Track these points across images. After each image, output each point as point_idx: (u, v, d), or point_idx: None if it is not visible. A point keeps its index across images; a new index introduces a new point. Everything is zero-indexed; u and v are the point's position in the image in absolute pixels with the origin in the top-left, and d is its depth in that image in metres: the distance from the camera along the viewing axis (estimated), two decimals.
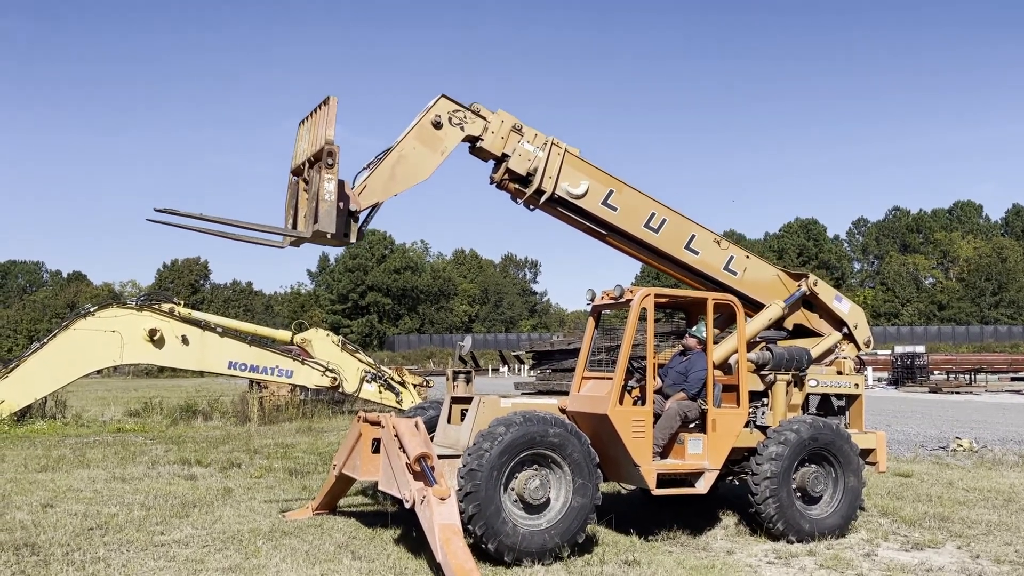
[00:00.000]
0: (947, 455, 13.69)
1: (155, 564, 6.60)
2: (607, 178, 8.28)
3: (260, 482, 10.76)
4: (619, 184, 8.31)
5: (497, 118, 7.94)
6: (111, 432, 17.49)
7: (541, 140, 8.07)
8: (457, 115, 7.75)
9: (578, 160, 8.18)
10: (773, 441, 7.70)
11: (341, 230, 7.13)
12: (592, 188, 8.19)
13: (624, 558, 6.78)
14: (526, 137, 8.02)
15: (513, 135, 7.98)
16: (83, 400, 25.64)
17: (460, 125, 7.76)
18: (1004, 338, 71.65)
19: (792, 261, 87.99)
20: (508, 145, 7.97)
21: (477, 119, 7.85)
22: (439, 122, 7.66)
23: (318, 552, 6.98)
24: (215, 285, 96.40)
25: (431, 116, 7.65)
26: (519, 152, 7.99)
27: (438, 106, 7.71)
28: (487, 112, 7.93)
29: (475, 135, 7.87)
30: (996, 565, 6.89)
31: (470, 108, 7.84)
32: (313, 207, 7.07)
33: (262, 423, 19.00)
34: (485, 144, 7.90)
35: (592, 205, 8.22)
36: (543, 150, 8.03)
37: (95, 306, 18.37)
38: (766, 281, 8.81)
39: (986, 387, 36.00)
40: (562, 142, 8.13)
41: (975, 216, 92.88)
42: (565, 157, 8.10)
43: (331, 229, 6.98)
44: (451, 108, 7.74)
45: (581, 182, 8.15)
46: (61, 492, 9.83)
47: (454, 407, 8.04)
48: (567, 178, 8.10)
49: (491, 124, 7.90)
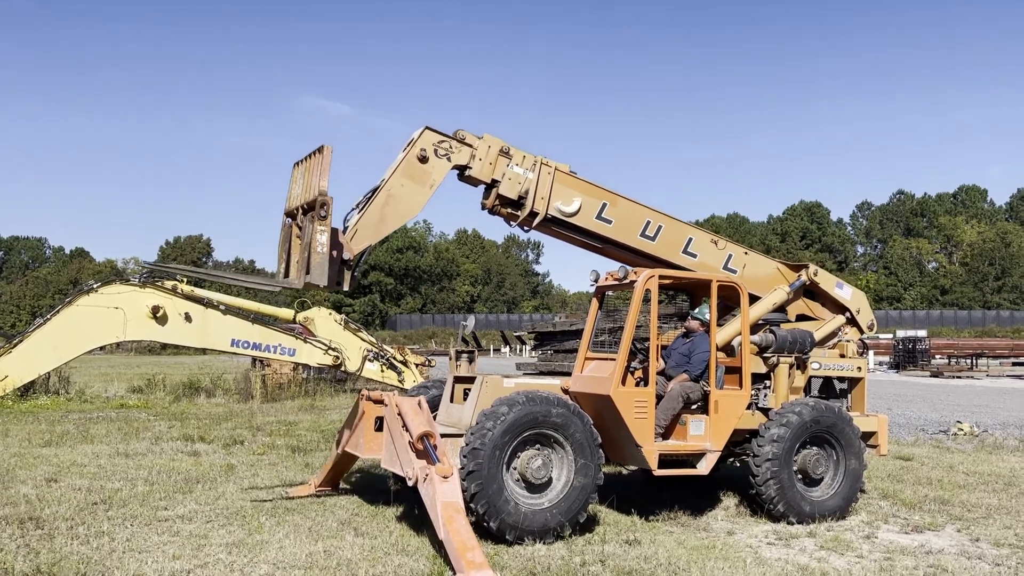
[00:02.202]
0: (948, 439, 13.73)
1: (159, 539, 6.64)
2: (599, 191, 8.22)
3: (263, 459, 10.81)
4: (612, 196, 8.25)
5: (484, 143, 7.80)
6: (114, 408, 17.57)
7: (530, 161, 7.95)
8: (443, 146, 7.61)
9: (569, 177, 8.09)
10: (775, 423, 7.71)
11: (334, 280, 7.06)
12: (585, 204, 8.11)
13: (625, 538, 6.81)
14: (514, 160, 7.90)
15: (501, 159, 7.86)
16: (86, 376, 25.74)
17: (447, 156, 7.62)
18: (1006, 323, 71.61)
19: (795, 244, 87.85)
20: (497, 170, 7.85)
21: (463, 147, 7.72)
22: (425, 156, 7.51)
23: (321, 528, 7.02)
24: (217, 262, 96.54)
25: (416, 151, 7.50)
26: (509, 176, 7.87)
27: (423, 139, 7.55)
28: (472, 138, 7.78)
29: (463, 164, 7.74)
30: (996, 548, 6.91)
31: (455, 137, 7.69)
32: (305, 257, 7.01)
33: (264, 401, 19.07)
34: (474, 172, 7.78)
35: (587, 221, 8.15)
36: (532, 171, 7.92)
37: (98, 282, 18.37)
38: (766, 275, 8.79)
39: (987, 372, 36.00)
40: (551, 160, 8.03)
41: (980, 201, 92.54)
42: (555, 175, 8.00)
43: (323, 282, 6.92)
44: (436, 139, 7.59)
45: (574, 199, 8.07)
46: (65, 467, 9.88)
47: (457, 386, 8.05)
48: (559, 197, 8.02)
49: (478, 151, 7.77)
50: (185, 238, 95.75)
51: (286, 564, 5.96)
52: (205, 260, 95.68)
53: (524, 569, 5.94)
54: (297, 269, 7.13)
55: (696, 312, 8.31)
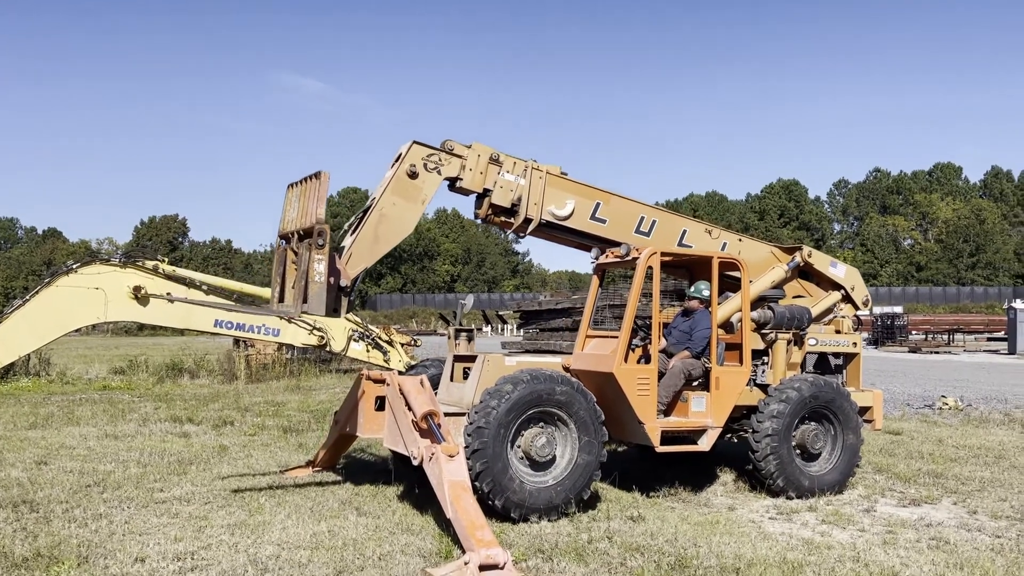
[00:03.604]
0: (934, 413, 13.90)
1: (158, 520, 6.55)
2: (592, 191, 8.14)
3: (255, 439, 10.72)
4: (605, 195, 8.19)
5: (473, 153, 7.68)
6: (97, 390, 17.35)
7: (521, 167, 7.85)
8: (432, 159, 7.47)
9: (560, 179, 8.01)
10: (775, 399, 7.73)
11: (330, 307, 6.94)
12: (579, 205, 8.04)
13: (629, 514, 6.82)
14: (505, 167, 7.79)
15: (491, 167, 7.75)
16: (65, 358, 25.39)
17: (437, 169, 7.49)
18: (980, 299, 72.63)
19: (774, 222, 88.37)
20: (488, 179, 7.74)
21: (453, 159, 7.59)
22: (414, 171, 7.38)
23: (322, 508, 6.96)
24: (194, 243, 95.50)
25: (405, 166, 7.36)
26: (500, 184, 7.77)
27: (411, 154, 7.41)
28: (461, 148, 7.66)
29: (453, 176, 7.63)
30: (994, 520, 7.00)
31: (443, 149, 7.56)
32: (302, 286, 6.88)
33: (249, 381, 18.92)
34: (465, 183, 7.67)
35: (581, 222, 8.08)
36: (524, 177, 7.82)
37: (77, 263, 18.05)
38: (761, 260, 8.80)
39: (964, 347, 36.55)
40: (542, 164, 7.94)
41: (954, 178, 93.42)
42: (547, 179, 7.91)
43: (320, 312, 6.82)
44: (425, 153, 7.45)
45: (567, 202, 7.98)
46: (54, 449, 9.74)
47: (456, 365, 7.99)
48: (552, 201, 7.93)
49: (468, 161, 7.64)
50: (160, 218, 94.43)
51: (291, 544, 5.90)
52: (181, 240, 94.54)
53: (532, 546, 5.92)
54: (294, 297, 7.00)
55: (692, 290, 8.30)
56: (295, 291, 6.99)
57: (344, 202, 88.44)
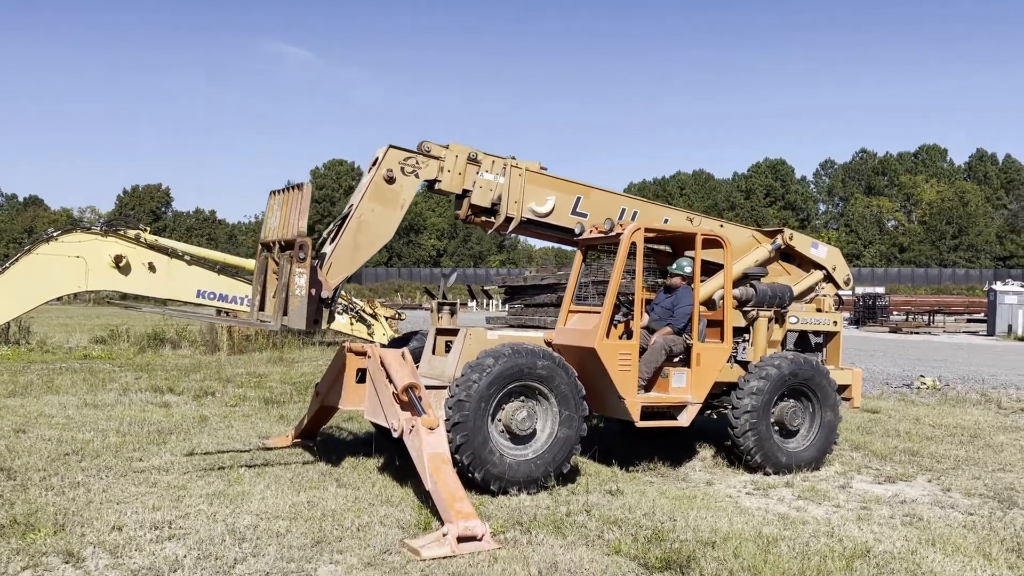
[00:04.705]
0: (912, 392, 14.05)
1: (136, 490, 6.53)
2: (572, 186, 8.10)
3: (236, 410, 10.69)
4: (585, 189, 8.15)
5: (451, 154, 7.60)
6: (77, 359, 17.23)
7: (499, 165, 7.78)
8: (409, 163, 7.39)
9: (539, 175, 7.95)
10: (755, 376, 7.78)
11: (311, 320, 6.90)
12: (559, 201, 7.99)
13: (608, 488, 6.86)
14: (483, 166, 7.72)
15: (470, 167, 7.68)
16: (45, 327, 25.19)
17: (414, 172, 7.41)
18: (961, 280, 73.27)
19: (760, 201, 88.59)
20: (467, 180, 7.67)
21: (430, 161, 7.52)
22: (392, 176, 7.29)
23: (302, 480, 6.96)
24: (177, 213, 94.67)
25: (383, 172, 7.26)
26: (479, 184, 7.71)
27: (388, 159, 7.31)
28: (439, 149, 7.57)
29: (432, 178, 7.56)
30: (967, 498, 7.10)
31: (420, 151, 7.48)
32: (283, 299, 6.82)
33: (232, 352, 18.85)
34: (443, 185, 7.60)
35: (562, 218, 8.04)
36: (503, 175, 7.76)
37: (58, 231, 17.84)
38: (742, 243, 8.81)
39: (944, 328, 36.93)
40: (521, 161, 7.88)
41: (940, 160, 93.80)
42: (527, 176, 7.85)
43: (301, 325, 6.79)
44: (401, 157, 7.36)
45: (547, 198, 7.94)
46: (32, 418, 9.68)
47: (439, 339, 7.98)
48: (532, 198, 7.88)
49: (445, 162, 7.57)
50: (144, 187, 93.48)
51: (269, 515, 5.90)
52: (164, 210, 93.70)
53: (510, 519, 5.95)
54: (275, 308, 6.93)
55: (674, 267, 8.31)
56: (276, 302, 6.94)
57: (330, 174, 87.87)
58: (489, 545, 5.31)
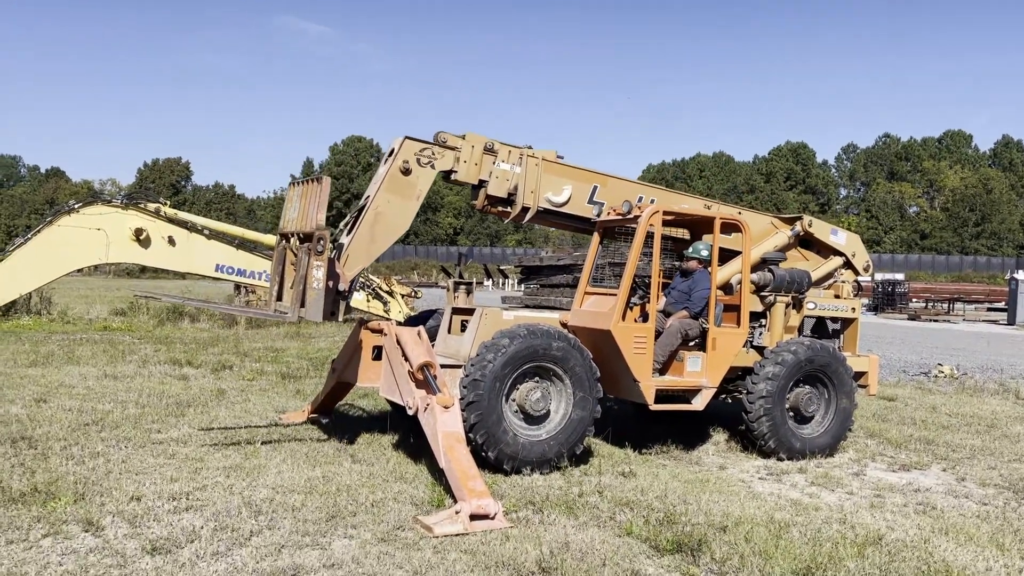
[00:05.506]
0: (929, 381, 13.96)
1: (155, 461, 6.63)
2: (588, 175, 8.04)
3: (253, 384, 10.80)
4: (602, 177, 8.09)
5: (467, 144, 7.55)
6: (97, 330, 17.44)
7: (516, 155, 7.73)
8: (425, 154, 7.35)
9: (556, 165, 7.89)
10: (770, 361, 7.76)
11: (328, 312, 6.93)
12: (576, 190, 7.94)
13: (620, 470, 6.88)
14: (500, 156, 7.67)
15: (486, 158, 7.63)
16: (66, 297, 25.47)
17: (430, 163, 7.38)
18: (983, 268, 72.45)
19: (780, 185, 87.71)
20: (483, 170, 7.63)
21: (446, 151, 7.47)
22: (408, 168, 7.26)
23: (317, 454, 7.03)
24: (197, 187, 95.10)
25: (399, 163, 7.23)
26: (496, 175, 7.67)
27: (404, 150, 7.28)
28: (455, 140, 7.53)
29: (448, 169, 7.52)
30: (981, 488, 7.07)
31: (436, 142, 7.43)
32: (300, 291, 6.84)
33: (249, 327, 19.01)
34: (460, 176, 7.56)
35: (579, 207, 7.99)
36: (519, 165, 7.71)
37: (79, 203, 18.00)
38: (761, 230, 8.75)
39: (964, 316, 36.58)
40: (537, 151, 7.83)
41: (964, 146, 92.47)
42: (543, 166, 7.80)
43: (318, 318, 6.83)
44: (417, 148, 7.33)
45: (563, 188, 7.88)
46: (53, 388, 9.81)
47: (454, 318, 8.01)
48: (548, 187, 7.83)
49: (462, 153, 7.52)
50: (164, 161, 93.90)
51: (285, 488, 5.97)
52: (184, 184, 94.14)
53: (523, 498, 5.99)
54: (292, 300, 6.97)
55: (691, 250, 8.26)
56: (293, 293, 6.99)
57: (348, 150, 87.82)
58: (501, 524, 5.35)
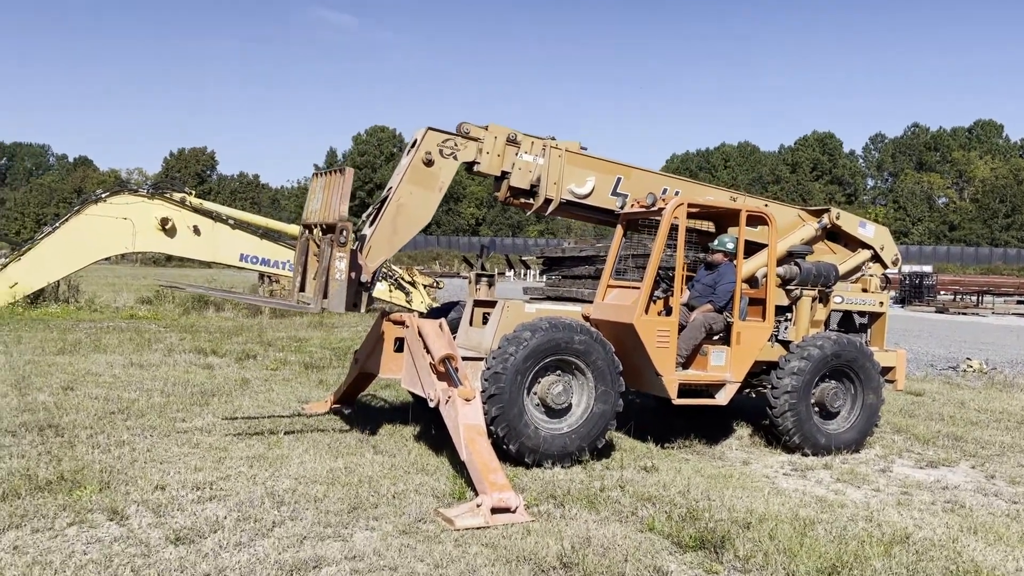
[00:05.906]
0: (957, 375, 13.75)
1: (179, 450, 6.68)
2: (612, 166, 7.95)
3: (276, 374, 10.86)
4: (626, 169, 8.00)
5: (490, 135, 7.49)
6: (124, 319, 17.62)
7: (539, 147, 7.66)
8: (447, 144, 7.31)
9: (579, 156, 7.81)
10: (796, 356, 7.66)
11: (350, 303, 6.96)
12: (599, 182, 7.85)
13: (642, 464, 6.84)
14: (523, 147, 7.61)
15: (509, 149, 7.57)
16: (93, 286, 25.76)
17: (453, 155, 7.34)
18: (1013, 260, 71.30)
19: (806, 175, 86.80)
20: (506, 161, 7.58)
21: (469, 142, 7.42)
22: (430, 159, 7.22)
23: (339, 445, 7.05)
24: (222, 176, 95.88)
25: (421, 154, 7.19)
26: (518, 166, 7.60)
27: (426, 141, 7.24)
28: (477, 130, 7.47)
29: (471, 160, 7.47)
30: (1011, 486, 6.95)
31: (459, 133, 7.38)
32: (323, 282, 6.86)
33: (273, 316, 19.12)
34: (483, 167, 7.52)
35: (602, 199, 7.90)
36: (542, 156, 7.64)
37: (106, 192, 18.20)
38: (788, 222, 8.63)
39: (993, 309, 36.03)
40: (560, 142, 7.75)
41: (995, 136, 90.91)
42: (566, 157, 7.72)
43: (340, 309, 6.87)
44: (440, 139, 7.28)
45: (587, 180, 7.80)
46: (80, 376, 9.92)
47: (476, 310, 7.98)
48: (571, 179, 7.75)
49: (484, 144, 7.47)
50: (189, 150, 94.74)
51: (307, 479, 5.99)
52: (209, 173, 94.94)
53: (544, 492, 5.97)
54: (315, 290, 7.00)
55: (716, 243, 8.17)
56: (316, 284, 7.01)
57: (372, 140, 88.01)
58: (523, 517, 5.33)
